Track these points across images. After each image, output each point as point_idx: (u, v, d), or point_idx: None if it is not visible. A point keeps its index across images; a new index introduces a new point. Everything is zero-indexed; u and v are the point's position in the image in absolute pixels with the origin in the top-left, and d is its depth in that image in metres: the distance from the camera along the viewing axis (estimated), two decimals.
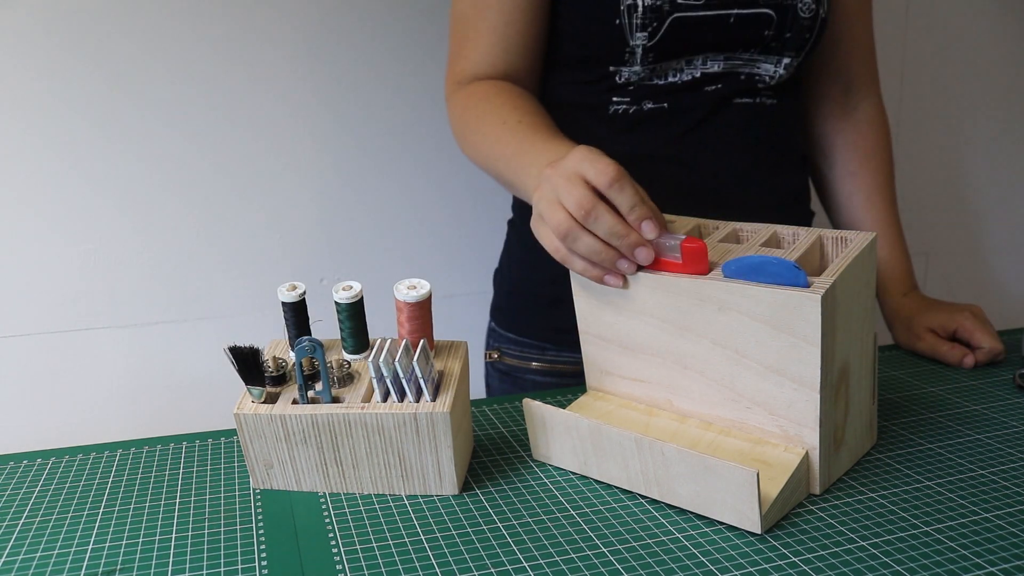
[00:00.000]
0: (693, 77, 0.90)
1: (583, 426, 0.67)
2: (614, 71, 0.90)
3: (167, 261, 1.24)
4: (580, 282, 0.74)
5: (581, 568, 0.58)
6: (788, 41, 0.91)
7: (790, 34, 0.90)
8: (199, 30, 1.18)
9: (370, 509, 0.66)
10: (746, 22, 0.88)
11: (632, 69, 0.89)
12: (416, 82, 1.28)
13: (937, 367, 0.92)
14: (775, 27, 0.89)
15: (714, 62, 0.90)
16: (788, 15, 0.89)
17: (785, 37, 0.90)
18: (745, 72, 0.92)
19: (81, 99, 1.16)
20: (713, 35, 0.88)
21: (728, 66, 0.91)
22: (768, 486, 0.62)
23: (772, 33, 0.89)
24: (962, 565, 0.57)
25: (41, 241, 1.19)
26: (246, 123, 1.22)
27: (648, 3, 0.85)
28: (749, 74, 0.92)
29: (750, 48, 0.90)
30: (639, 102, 0.92)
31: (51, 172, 1.17)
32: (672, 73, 0.90)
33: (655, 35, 0.86)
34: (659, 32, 0.86)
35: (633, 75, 0.90)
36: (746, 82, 0.92)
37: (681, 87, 0.91)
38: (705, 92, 0.91)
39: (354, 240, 1.31)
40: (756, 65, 0.92)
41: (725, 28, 0.87)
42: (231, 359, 0.66)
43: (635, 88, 0.91)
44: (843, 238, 0.69)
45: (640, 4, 0.85)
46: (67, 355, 1.23)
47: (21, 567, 0.60)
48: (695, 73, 0.90)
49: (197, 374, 1.29)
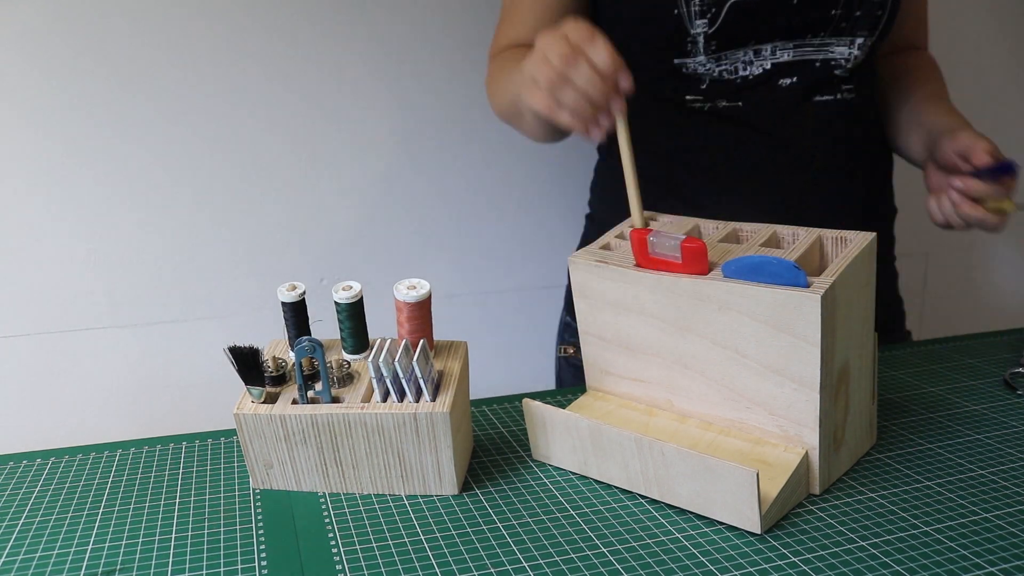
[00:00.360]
0: (764, 69, 0.88)
1: (583, 426, 0.67)
2: (680, 63, 0.89)
3: (167, 261, 1.24)
4: (580, 283, 0.74)
5: (581, 568, 0.58)
6: (859, 20, 0.87)
7: (860, 12, 0.87)
8: (201, 30, 1.18)
9: (370, 509, 0.66)
10: (811, 3, 0.85)
11: (697, 60, 0.87)
12: (418, 83, 1.28)
13: (937, 367, 0.92)
14: (842, 5, 0.86)
15: (783, 50, 0.87)
16: None
17: (855, 16, 0.87)
18: (819, 59, 0.88)
19: (82, 100, 1.16)
20: (776, 18, 0.85)
21: (799, 53, 0.87)
22: (768, 486, 0.62)
23: (840, 12, 0.86)
24: (962, 565, 0.57)
25: (41, 241, 1.19)
26: (246, 123, 1.22)
27: None
28: (824, 60, 0.88)
29: (819, 31, 0.87)
30: (713, 100, 0.90)
31: (51, 172, 1.17)
32: (743, 66, 0.88)
33: (715, 21, 0.84)
34: (719, 18, 0.84)
35: (699, 66, 0.88)
36: (822, 70, 0.89)
37: (754, 82, 0.88)
38: (780, 88, 0.88)
39: (354, 240, 1.31)
40: (829, 49, 0.88)
41: (788, 10, 0.84)
42: (231, 359, 0.66)
43: (708, 85, 0.89)
44: (843, 238, 0.69)
45: None
46: (67, 355, 1.23)
47: (21, 567, 0.60)
48: (765, 64, 0.87)
49: (197, 374, 1.29)
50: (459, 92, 1.30)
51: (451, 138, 1.32)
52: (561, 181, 1.38)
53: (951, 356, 0.94)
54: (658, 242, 0.68)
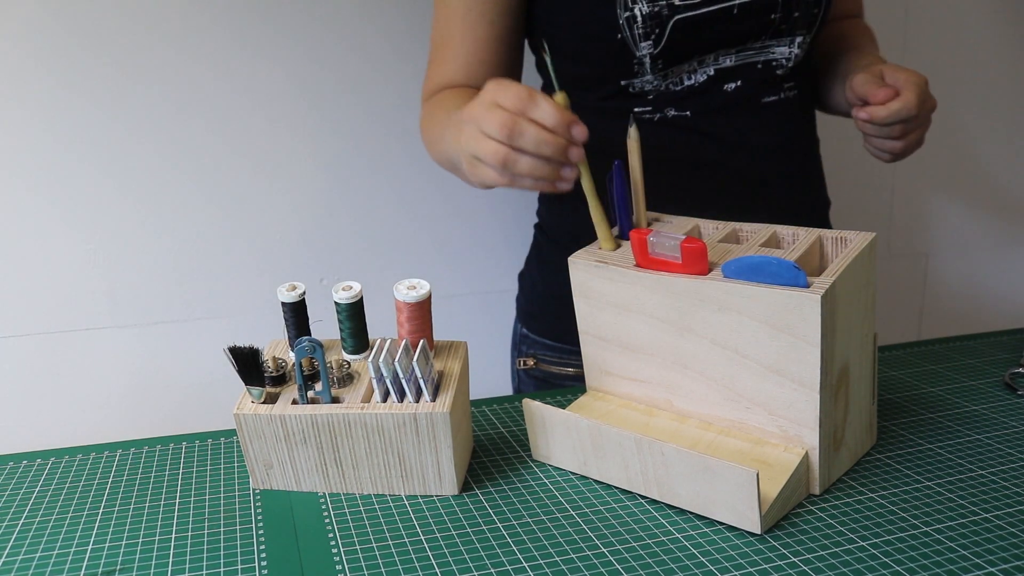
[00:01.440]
0: (708, 76, 0.88)
1: (583, 426, 0.67)
2: (626, 84, 0.89)
3: (168, 261, 1.24)
4: (580, 283, 0.74)
5: (581, 568, 0.58)
6: (797, 20, 0.88)
7: (798, 13, 0.87)
8: (198, 31, 1.18)
9: (370, 509, 0.66)
10: (750, 10, 0.85)
11: (644, 79, 0.88)
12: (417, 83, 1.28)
13: (937, 367, 0.92)
14: (780, 9, 0.86)
15: (726, 56, 0.87)
16: None
17: (793, 17, 0.87)
18: (760, 60, 0.89)
19: (83, 99, 1.16)
20: (719, 30, 0.85)
21: (740, 58, 0.88)
22: (768, 486, 0.62)
23: (779, 15, 0.86)
24: (962, 565, 0.57)
25: (42, 241, 1.19)
26: (246, 123, 1.22)
27: (646, 11, 0.83)
28: (765, 61, 0.89)
29: (760, 36, 0.87)
30: (661, 109, 0.90)
31: (52, 172, 1.17)
32: (687, 76, 0.88)
33: (660, 41, 0.84)
34: (663, 38, 0.84)
35: (647, 84, 0.88)
36: (764, 71, 0.89)
37: (699, 89, 0.89)
38: (726, 93, 0.89)
39: (354, 240, 1.31)
40: (770, 51, 0.89)
41: (730, 21, 0.85)
42: (231, 359, 0.66)
43: (654, 97, 0.89)
44: (843, 238, 0.69)
45: (639, 14, 0.83)
46: (67, 355, 1.23)
47: (21, 567, 0.60)
48: (709, 71, 0.88)
49: (197, 374, 1.29)
50: None
51: None
52: None
53: (951, 356, 0.94)
54: (658, 242, 0.68)
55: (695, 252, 0.66)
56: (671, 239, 0.67)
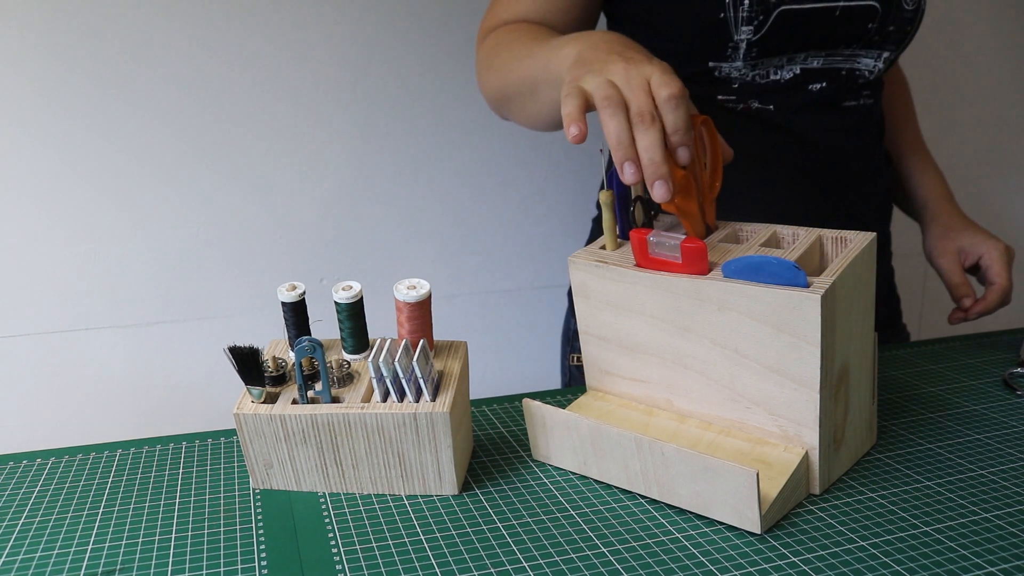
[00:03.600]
0: (794, 74, 0.88)
1: (583, 426, 0.67)
2: (714, 67, 0.88)
3: (167, 261, 1.24)
4: (580, 283, 0.74)
5: (581, 568, 0.58)
6: (890, 34, 0.89)
7: (893, 27, 0.88)
8: (197, 29, 1.18)
9: (370, 509, 0.66)
10: (852, 15, 0.86)
11: (733, 65, 0.87)
12: (417, 82, 1.28)
13: (937, 367, 0.92)
14: (879, 20, 0.87)
15: (815, 58, 0.88)
16: (892, 7, 0.87)
17: (888, 30, 0.88)
18: (846, 68, 0.90)
19: (81, 99, 1.16)
20: (818, 29, 0.86)
21: (828, 62, 0.89)
22: (768, 486, 0.62)
23: (875, 26, 0.87)
24: (962, 565, 0.57)
25: (41, 241, 1.19)
26: (246, 123, 1.23)
27: None
28: (850, 70, 0.90)
29: (852, 43, 0.88)
30: (745, 100, 0.90)
31: (51, 172, 1.17)
32: (774, 71, 0.88)
33: (760, 29, 0.84)
34: (765, 26, 0.84)
35: (734, 71, 0.88)
36: (847, 79, 0.90)
37: (784, 86, 0.89)
38: (810, 92, 0.89)
39: (354, 240, 1.31)
40: (857, 60, 0.90)
41: (830, 21, 0.85)
42: (231, 359, 0.66)
43: (739, 86, 0.89)
44: (843, 238, 0.69)
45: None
46: (67, 355, 1.23)
47: (21, 567, 0.60)
48: (795, 70, 0.88)
49: (197, 374, 1.29)
50: (459, 92, 1.30)
51: (451, 138, 1.32)
52: (561, 181, 1.38)
53: (951, 356, 0.94)
54: (658, 242, 0.68)
55: (695, 252, 0.66)
56: (671, 239, 0.67)
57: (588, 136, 0.69)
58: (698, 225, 0.70)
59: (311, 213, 1.28)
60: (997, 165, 1.62)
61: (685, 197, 0.68)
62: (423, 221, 1.33)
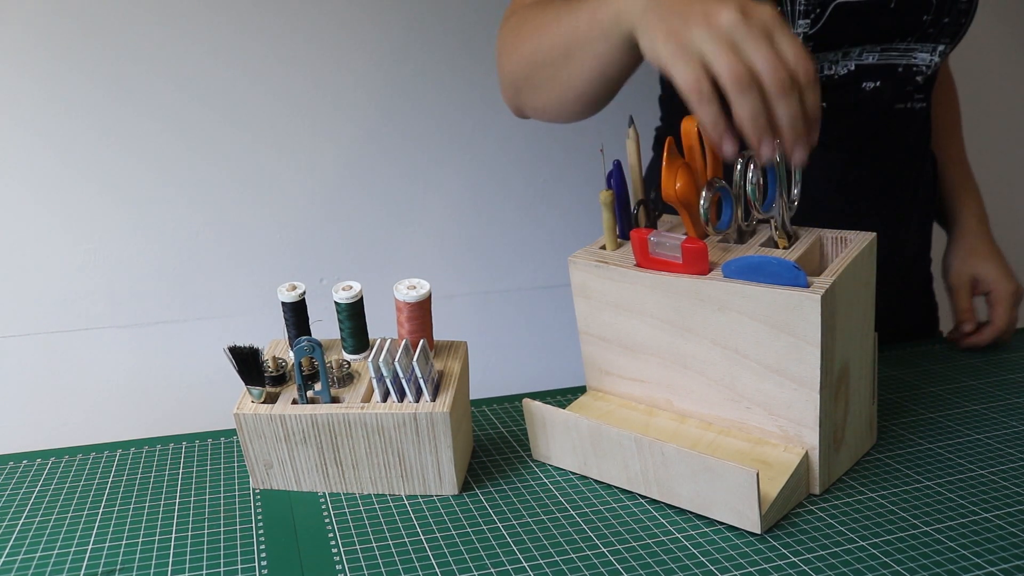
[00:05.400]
0: (848, 70, 0.88)
1: (583, 426, 0.67)
2: None
3: (167, 261, 1.24)
4: (580, 283, 0.74)
5: (581, 568, 0.58)
6: (945, 27, 0.88)
7: (948, 19, 0.88)
8: (198, 29, 1.18)
9: (370, 509, 0.66)
10: (906, 7, 0.86)
11: None
12: (417, 82, 1.28)
13: (937, 367, 0.92)
14: (934, 11, 0.87)
15: (870, 53, 0.88)
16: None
17: (943, 23, 0.88)
18: (902, 64, 0.89)
19: (82, 99, 1.16)
20: (873, 21, 0.85)
21: (884, 57, 0.88)
22: (768, 486, 0.62)
23: (930, 18, 0.87)
24: (962, 565, 0.57)
25: (42, 241, 1.19)
26: (246, 123, 1.23)
27: None
28: (906, 65, 0.90)
29: (907, 36, 0.88)
30: None
31: (51, 172, 1.17)
32: (828, 66, 0.88)
33: (817, 22, 0.83)
34: (822, 19, 0.83)
35: None
36: (903, 75, 0.90)
37: (838, 82, 0.88)
38: (863, 91, 0.89)
39: (354, 240, 1.31)
40: (912, 55, 0.89)
41: (886, 13, 0.85)
42: (231, 359, 0.66)
43: None
44: (843, 238, 0.69)
45: None
46: (67, 355, 1.23)
47: (21, 567, 0.60)
48: (850, 66, 0.88)
49: (197, 374, 1.29)
50: (460, 92, 1.30)
51: (451, 138, 1.32)
52: (561, 181, 1.38)
53: (951, 356, 0.94)
54: (658, 242, 0.68)
55: (695, 252, 0.66)
56: (671, 239, 0.67)
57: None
58: (698, 222, 0.70)
59: (311, 213, 1.28)
60: (999, 163, 1.62)
61: (687, 191, 0.68)
62: (423, 221, 1.33)
